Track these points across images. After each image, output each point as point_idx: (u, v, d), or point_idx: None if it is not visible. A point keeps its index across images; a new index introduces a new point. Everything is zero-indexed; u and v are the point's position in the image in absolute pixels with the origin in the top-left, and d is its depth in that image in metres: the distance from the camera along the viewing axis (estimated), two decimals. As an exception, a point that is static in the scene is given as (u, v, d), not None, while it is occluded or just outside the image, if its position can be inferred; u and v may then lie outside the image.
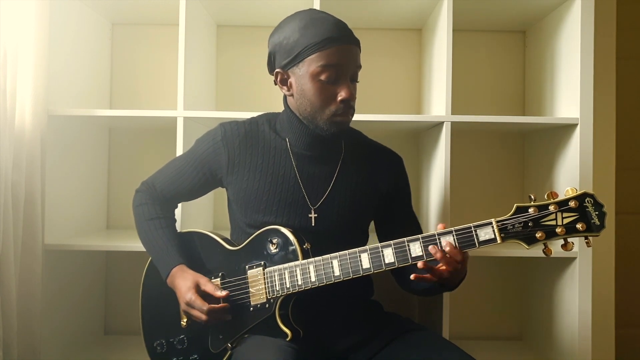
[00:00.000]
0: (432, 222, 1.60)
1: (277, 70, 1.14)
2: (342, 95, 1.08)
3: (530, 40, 1.87)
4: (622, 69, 1.87)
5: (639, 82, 1.91)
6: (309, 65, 1.07)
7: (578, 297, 1.46)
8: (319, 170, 1.17)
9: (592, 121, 1.46)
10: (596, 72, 1.49)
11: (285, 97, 1.18)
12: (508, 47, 1.91)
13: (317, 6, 1.50)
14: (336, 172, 1.18)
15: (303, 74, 1.09)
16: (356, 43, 1.12)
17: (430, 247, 1.01)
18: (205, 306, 1.08)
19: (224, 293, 1.10)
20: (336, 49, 1.06)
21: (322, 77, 1.07)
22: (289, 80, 1.13)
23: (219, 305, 1.09)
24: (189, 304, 1.09)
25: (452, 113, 1.50)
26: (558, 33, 1.62)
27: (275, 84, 1.17)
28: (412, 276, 1.00)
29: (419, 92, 1.92)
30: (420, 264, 0.99)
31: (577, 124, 1.47)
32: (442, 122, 1.50)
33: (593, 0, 1.46)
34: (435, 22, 1.65)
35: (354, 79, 1.12)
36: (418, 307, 1.84)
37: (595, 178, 1.56)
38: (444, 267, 1.00)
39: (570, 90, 1.52)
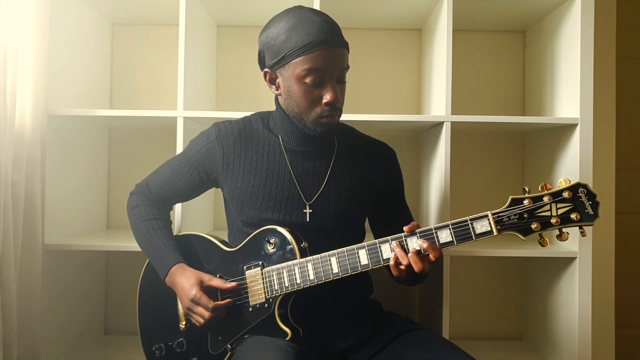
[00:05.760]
0: (432, 222, 1.59)
1: (265, 69, 1.15)
2: (327, 98, 1.08)
3: (530, 40, 1.87)
4: (622, 69, 1.87)
5: (639, 82, 1.90)
6: (294, 68, 1.07)
7: (578, 297, 1.46)
8: (313, 166, 1.18)
9: (592, 121, 1.46)
10: (596, 72, 1.49)
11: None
12: (508, 47, 1.91)
13: (317, 6, 1.49)
14: (330, 167, 1.19)
15: (289, 76, 1.09)
16: (342, 45, 1.10)
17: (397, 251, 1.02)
18: (211, 304, 1.08)
19: (233, 284, 1.10)
20: (321, 52, 1.06)
21: (307, 81, 1.07)
22: (277, 80, 1.14)
23: (224, 302, 1.09)
24: (193, 301, 1.09)
25: (452, 113, 1.49)
26: (558, 33, 1.62)
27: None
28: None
29: (419, 92, 1.92)
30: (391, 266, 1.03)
31: (577, 124, 1.47)
32: (442, 122, 1.49)
33: (593, 0, 1.46)
34: (435, 22, 1.64)
35: (340, 80, 1.12)
36: (418, 307, 1.84)
37: (595, 178, 1.56)
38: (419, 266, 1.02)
39: (570, 90, 1.52)
